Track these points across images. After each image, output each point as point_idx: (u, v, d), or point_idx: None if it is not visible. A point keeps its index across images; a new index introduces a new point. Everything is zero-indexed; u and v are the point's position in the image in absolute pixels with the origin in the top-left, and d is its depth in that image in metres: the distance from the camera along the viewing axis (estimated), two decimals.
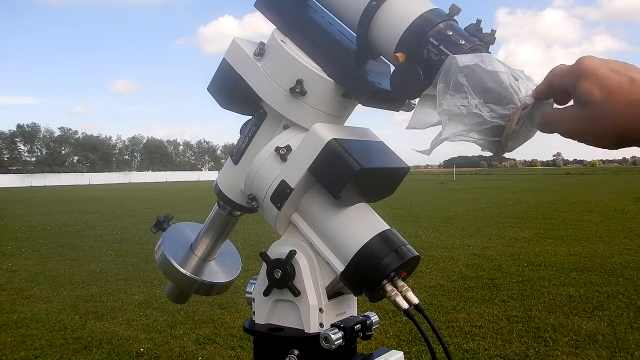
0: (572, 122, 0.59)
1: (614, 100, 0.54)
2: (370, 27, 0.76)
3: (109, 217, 14.97)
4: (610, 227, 10.18)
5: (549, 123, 0.63)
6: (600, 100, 0.55)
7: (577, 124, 0.58)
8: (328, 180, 0.78)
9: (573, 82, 0.58)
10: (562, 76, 0.60)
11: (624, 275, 5.99)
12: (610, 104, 0.54)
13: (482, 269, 6.52)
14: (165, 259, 1.01)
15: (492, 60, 0.64)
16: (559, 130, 0.61)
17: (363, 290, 0.80)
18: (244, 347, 3.93)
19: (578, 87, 0.57)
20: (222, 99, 0.91)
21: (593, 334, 4.07)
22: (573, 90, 0.59)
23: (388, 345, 3.77)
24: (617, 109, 0.54)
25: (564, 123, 0.60)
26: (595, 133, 0.57)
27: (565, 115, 0.60)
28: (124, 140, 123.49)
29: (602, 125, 0.56)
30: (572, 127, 0.59)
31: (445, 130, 0.65)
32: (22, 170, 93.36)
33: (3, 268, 7.16)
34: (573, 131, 0.59)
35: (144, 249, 8.34)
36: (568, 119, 0.59)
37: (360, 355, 0.87)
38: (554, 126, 0.62)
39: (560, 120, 0.61)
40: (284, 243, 0.85)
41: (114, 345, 4.07)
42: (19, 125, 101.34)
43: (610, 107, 0.55)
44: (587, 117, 0.57)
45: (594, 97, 0.55)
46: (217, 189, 0.95)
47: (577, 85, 0.57)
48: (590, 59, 0.57)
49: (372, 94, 0.80)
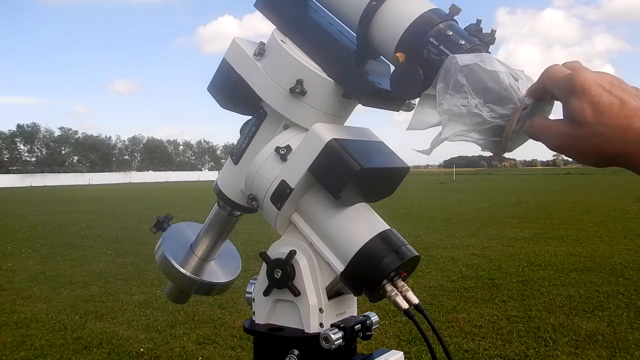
0: (560, 138, 0.58)
1: (604, 122, 0.54)
2: (370, 27, 0.76)
3: (109, 217, 14.97)
4: (610, 227, 10.19)
5: (536, 133, 0.62)
6: (591, 121, 0.54)
7: (565, 141, 0.58)
8: (328, 180, 0.78)
9: (565, 96, 0.58)
10: (555, 85, 0.59)
11: (624, 275, 5.99)
12: (601, 126, 0.54)
13: (482, 269, 6.52)
14: (165, 259, 1.01)
15: (492, 60, 0.64)
16: (546, 142, 0.61)
17: (363, 290, 0.80)
18: (244, 347, 3.93)
19: (570, 104, 0.56)
20: (222, 99, 0.91)
21: (593, 334, 4.07)
22: (564, 105, 0.58)
23: (388, 345, 3.77)
24: (606, 131, 0.54)
25: (552, 137, 0.59)
26: (582, 153, 0.57)
27: (554, 130, 0.59)
28: (124, 140, 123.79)
29: (591, 146, 0.55)
30: (560, 142, 0.59)
31: (446, 130, 0.65)
32: (22, 170, 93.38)
33: (3, 268, 7.16)
34: (560, 146, 0.59)
35: (144, 249, 8.34)
36: (557, 134, 0.59)
37: (360, 355, 0.87)
38: (541, 137, 0.61)
39: (549, 133, 0.60)
40: (284, 243, 0.85)
41: (114, 345, 4.07)
42: (19, 125, 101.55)
43: (600, 128, 0.54)
44: (577, 136, 0.56)
45: (585, 117, 0.55)
46: (217, 189, 0.95)
47: (568, 101, 0.57)
48: (584, 75, 0.56)
49: (372, 94, 0.80)
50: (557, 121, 0.60)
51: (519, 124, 0.64)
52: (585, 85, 0.55)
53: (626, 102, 0.54)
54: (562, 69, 0.60)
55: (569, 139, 0.57)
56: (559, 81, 0.59)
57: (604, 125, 0.54)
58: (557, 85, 0.59)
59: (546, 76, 0.61)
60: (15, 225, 12.86)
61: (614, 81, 0.56)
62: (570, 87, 0.57)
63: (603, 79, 0.56)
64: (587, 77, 0.56)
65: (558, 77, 0.59)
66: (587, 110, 0.55)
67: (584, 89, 0.55)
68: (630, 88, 0.56)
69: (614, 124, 0.53)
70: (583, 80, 0.56)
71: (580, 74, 0.57)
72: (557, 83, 0.59)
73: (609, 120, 0.54)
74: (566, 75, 0.58)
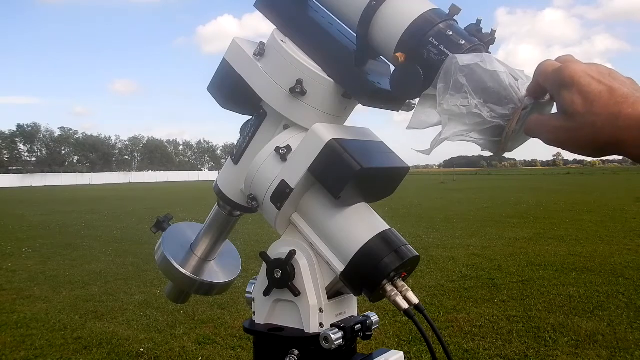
0: (554, 132, 0.59)
1: (595, 111, 0.54)
2: (370, 27, 0.76)
3: (109, 217, 14.97)
4: (610, 227, 10.18)
5: (532, 129, 0.62)
6: (581, 111, 0.55)
7: (559, 134, 0.58)
8: (328, 180, 0.78)
9: (556, 89, 0.58)
10: (547, 80, 0.60)
11: (624, 275, 5.99)
12: (592, 115, 0.54)
13: (482, 269, 6.52)
14: (165, 259, 1.01)
15: (492, 60, 0.64)
16: (542, 138, 0.61)
17: (363, 290, 0.80)
18: (244, 347, 3.93)
19: (560, 96, 0.57)
20: (222, 99, 0.91)
21: (593, 334, 4.07)
22: (556, 98, 0.58)
23: (388, 345, 3.77)
24: (598, 120, 0.54)
25: (548, 132, 0.60)
26: (576, 144, 0.57)
27: (548, 125, 0.59)
28: (124, 140, 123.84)
29: (584, 136, 0.56)
30: (555, 136, 0.59)
31: (446, 130, 0.65)
32: (22, 170, 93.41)
33: (3, 268, 7.16)
34: (555, 140, 0.59)
35: (144, 249, 8.33)
36: (550, 128, 0.59)
37: (360, 355, 0.87)
38: (537, 133, 0.62)
39: (543, 128, 0.60)
40: (284, 243, 0.85)
41: (114, 345, 4.07)
42: (19, 125, 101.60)
43: (591, 118, 0.54)
44: (569, 128, 0.56)
45: (575, 108, 0.55)
46: (217, 189, 0.95)
47: (559, 94, 0.57)
48: (572, 66, 0.56)
49: (372, 94, 0.80)
50: (551, 116, 0.60)
51: (519, 124, 0.64)
52: (574, 76, 0.55)
53: (615, 90, 0.54)
54: (553, 63, 0.60)
55: (562, 132, 0.57)
56: (550, 75, 0.59)
57: (595, 114, 0.54)
58: (548, 79, 0.59)
59: (538, 72, 0.61)
60: (15, 225, 12.86)
61: (603, 70, 0.56)
62: (560, 80, 0.57)
63: (592, 69, 0.56)
64: (575, 68, 0.56)
65: (549, 71, 0.59)
66: (578, 101, 0.55)
67: (573, 80, 0.55)
68: (620, 76, 0.56)
69: (604, 112, 0.53)
70: (572, 71, 0.56)
71: (570, 65, 0.57)
72: (548, 77, 0.59)
73: (599, 109, 0.53)
74: (556, 68, 0.58)
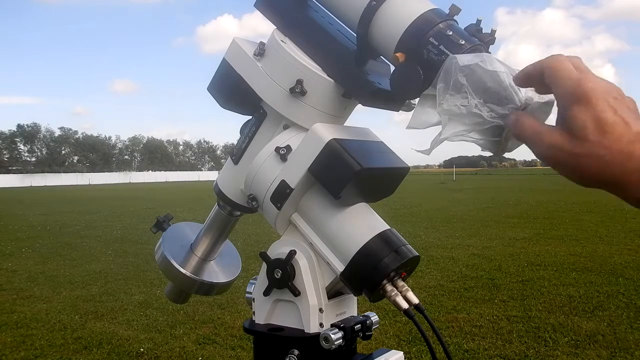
0: (553, 150, 0.53)
1: (605, 144, 0.49)
2: (370, 27, 0.76)
3: (109, 217, 14.97)
4: (610, 227, 10.19)
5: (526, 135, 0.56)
6: (591, 139, 0.50)
7: (558, 155, 0.52)
8: (328, 180, 0.78)
9: (567, 101, 0.52)
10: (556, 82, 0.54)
11: (624, 275, 5.99)
12: (601, 147, 0.49)
13: (482, 269, 6.52)
14: (165, 259, 1.01)
15: (492, 60, 0.64)
16: (534, 149, 0.55)
17: (363, 290, 0.80)
18: (244, 347, 3.93)
19: (571, 113, 0.51)
20: (222, 99, 0.91)
21: (593, 334, 4.07)
22: (563, 110, 0.53)
23: (388, 345, 3.77)
24: (607, 154, 0.49)
25: (545, 147, 0.54)
26: (575, 171, 0.52)
27: (547, 139, 0.53)
28: (123, 140, 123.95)
29: (587, 165, 0.50)
30: (552, 155, 0.53)
31: (445, 130, 0.65)
32: (22, 170, 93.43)
33: (3, 268, 7.16)
34: (551, 159, 0.53)
35: (144, 249, 8.34)
36: (550, 145, 0.53)
37: (360, 355, 0.87)
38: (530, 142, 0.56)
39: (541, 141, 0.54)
40: (284, 243, 0.85)
41: (114, 345, 4.07)
42: (19, 125, 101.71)
43: (600, 150, 0.49)
44: (573, 153, 0.51)
45: (586, 134, 0.50)
46: (217, 188, 0.95)
47: (570, 108, 0.51)
48: (592, 84, 0.51)
49: (372, 94, 0.80)
50: (552, 129, 0.54)
51: None
52: (592, 97, 0.50)
53: (630, 125, 0.49)
54: (567, 65, 0.54)
55: (563, 154, 0.52)
56: (563, 81, 0.53)
57: (605, 147, 0.49)
58: (560, 84, 0.53)
59: (547, 65, 0.55)
60: (15, 225, 12.86)
61: (617, 96, 0.51)
62: (575, 94, 0.51)
63: (609, 92, 0.51)
64: (594, 87, 0.51)
65: (563, 75, 0.53)
66: (590, 126, 0.50)
67: (590, 100, 0.50)
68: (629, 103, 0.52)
69: (615, 147, 0.49)
70: (590, 90, 0.50)
71: (588, 81, 0.51)
72: (560, 82, 0.53)
73: (611, 143, 0.49)
74: (573, 77, 0.52)
